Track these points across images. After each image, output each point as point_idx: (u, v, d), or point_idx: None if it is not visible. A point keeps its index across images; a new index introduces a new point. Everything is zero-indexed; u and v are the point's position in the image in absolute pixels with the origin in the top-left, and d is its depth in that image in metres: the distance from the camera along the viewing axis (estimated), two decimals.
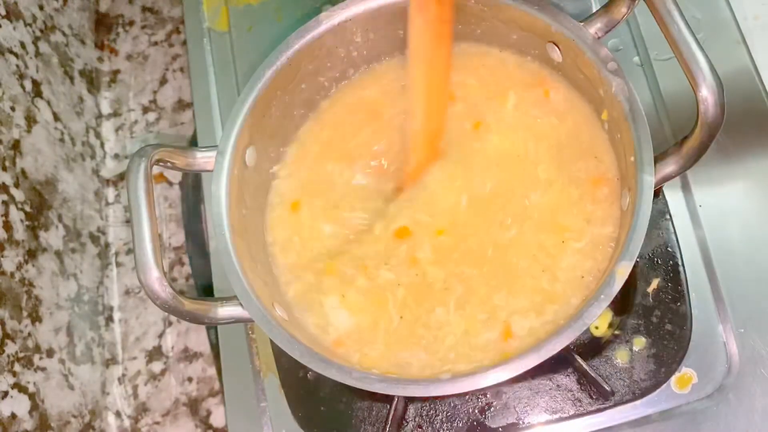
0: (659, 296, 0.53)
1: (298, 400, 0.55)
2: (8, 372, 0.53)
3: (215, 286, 0.61)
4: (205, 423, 0.62)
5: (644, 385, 0.51)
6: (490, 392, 0.53)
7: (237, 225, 0.50)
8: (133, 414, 0.64)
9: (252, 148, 0.53)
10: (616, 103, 0.48)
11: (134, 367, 0.66)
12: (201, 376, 0.64)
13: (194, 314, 0.46)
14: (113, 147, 0.74)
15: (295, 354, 0.45)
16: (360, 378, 0.44)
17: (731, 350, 0.51)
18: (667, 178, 0.46)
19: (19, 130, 0.61)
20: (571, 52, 0.50)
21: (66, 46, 0.72)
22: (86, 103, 0.73)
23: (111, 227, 0.71)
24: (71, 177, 0.67)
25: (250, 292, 0.47)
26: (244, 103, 0.52)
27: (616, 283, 0.43)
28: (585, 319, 0.43)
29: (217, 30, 0.70)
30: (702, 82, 0.42)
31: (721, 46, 0.59)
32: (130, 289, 0.68)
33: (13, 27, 0.64)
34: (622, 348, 0.52)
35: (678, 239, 0.55)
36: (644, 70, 0.60)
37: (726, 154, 0.55)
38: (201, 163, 0.51)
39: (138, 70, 0.77)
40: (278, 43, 0.53)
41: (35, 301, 0.58)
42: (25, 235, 0.58)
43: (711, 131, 0.43)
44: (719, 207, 0.55)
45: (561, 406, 0.52)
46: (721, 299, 0.52)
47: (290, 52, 0.53)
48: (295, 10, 0.68)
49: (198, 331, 0.65)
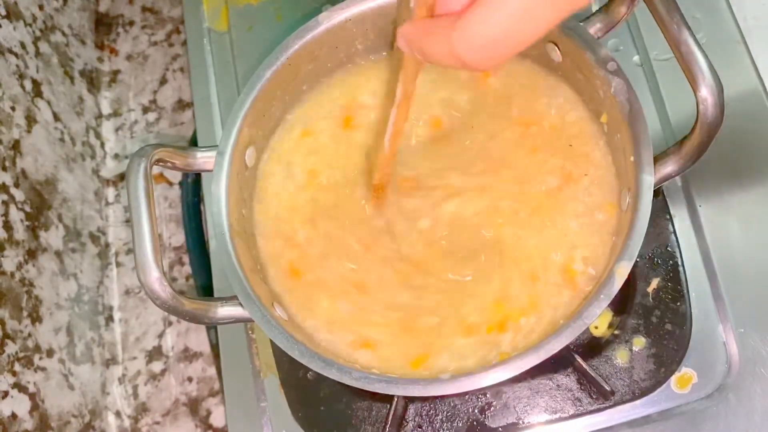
0: (659, 296, 0.53)
1: (298, 400, 0.55)
2: (8, 372, 0.53)
3: (215, 286, 0.61)
4: (205, 423, 0.63)
5: (644, 385, 0.51)
6: (490, 392, 0.53)
7: (237, 225, 0.50)
8: (133, 414, 0.64)
9: (252, 148, 0.53)
10: (615, 104, 0.47)
11: (134, 367, 0.66)
12: (201, 376, 0.64)
13: (194, 314, 0.46)
14: (113, 147, 0.74)
15: (295, 354, 0.45)
16: (360, 378, 0.44)
17: (731, 350, 0.51)
18: (666, 178, 0.46)
19: (19, 130, 0.61)
20: (570, 52, 0.50)
21: (66, 46, 0.72)
22: (86, 103, 0.73)
23: (111, 227, 0.71)
24: (71, 177, 0.67)
25: (250, 292, 0.47)
26: (244, 103, 0.52)
27: (615, 283, 0.43)
28: (585, 318, 0.43)
29: (217, 30, 0.70)
30: (701, 82, 0.42)
31: (721, 46, 0.59)
32: (130, 289, 0.68)
33: (13, 27, 0.64)
34: (622, 348, 0.52)
35: (678, 239, 0.55)
36: (644, 70, 0.60)
37: (726, 154, 0.55)
38: (201, 163, 0.51)
39: (138, 70, 0.77)
40: (278, 43, 0.53)
41: (35, 301, 0.58)
42: (25, 235, 0.58)
43: (710, 131, 0.43)
44: (719, 207, 0.55)
45: (561, 406, 0.52)
46: (721, 299, 0.52)
47: (290, 52, 0.53)
48: (295, 10, 0.68)
49: (198, 331, 0.65)
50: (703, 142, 0.44)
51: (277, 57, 0.53)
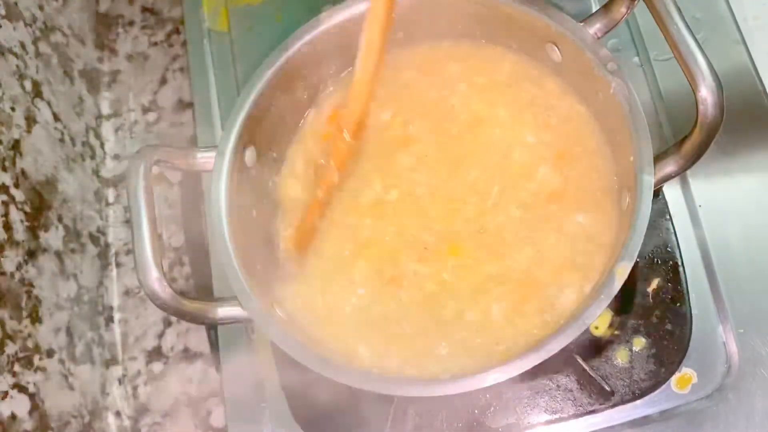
0: (659, 296, 0.53)
1: (298, 400, 0.55)
2: (8, 372, 0.53)
3: (215, 286, 0.61)
4: (205, 423, 0.62)
5: (644, 385, 0.51)
6: (490, 392, 0.53)
7: (237, 225, 0.50)
8: (133, 414, 0.64)
9: (252, 148, 0.53)
10: (615, 104, 0.48)
11: (134, 368, 0.66)
12: (201, 376, 0.64)
13: (194, 314, 0.46)
14: (113, 147, 0.74)
15: (295, 354, 0.45)
16: (360, 378, 0.44)
17: (731, 350, 0.51)
18: (666, 178, 0.46)
19: (19, 131, 0.61)
20: (570, 53, 0.51)
21: (66, 46, 0.72)
22: (86, 103, 0.73)
23: (111, 227, 0.71)
24: (71, 177, 0.67)
25: (249, 292, 0.47)
26: (244, 103, 0.52)
27: (615, 283, 0.43)
28: (585, 319, 0.43)
29: (217, 30, 0.70)
30: (701, 82, 0.42)
31: (720, 46, 0.59)
32: (130, 289, 0.68)
33: (13, 27, 0.64)
34: (622, 348, 0.52)
35: (678, 239, 0.55)
36: (644, 70, 0.60)
37: (725, 154, 0.55)
38: (201, 164, 0.51)
39: (138, 70, 0.77)
40: (278, 43, 0.53)
41: (35, 302, 0.58)
42: (25, 236, 0.58)
43: (710, 131, 0.43)
44: (719, 207, 0.55)
45: (561, 406, 0.52)
46: (721, 299, 0.52)
47: (290, 52, 0.53)
48: (295, 10, 0.68)
49: (198, 331, 0.65)
50: (703, 142, 0.44)
51: (278, 57, 0.53)
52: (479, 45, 0.56)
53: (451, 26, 0.55)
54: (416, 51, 0.57)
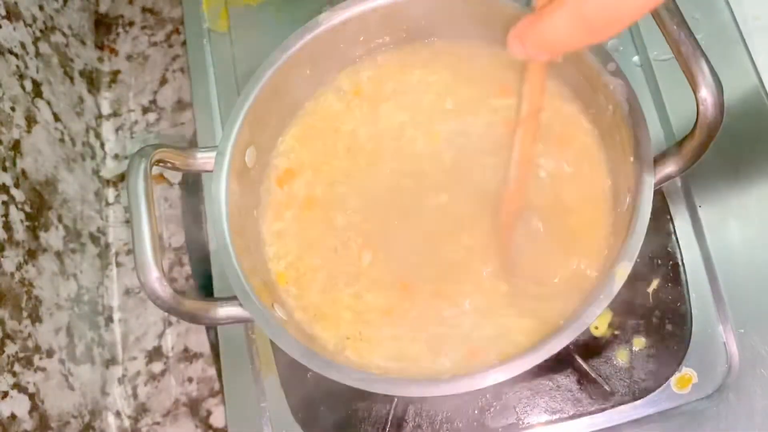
0: (659, 296, 0.53)
1: (298, 400, 0.55)
2: (8, 372, 0.53)
3: (215, 286, 0.61)
4: (205, 423, 0.62)
5: (644, 385, 0.51)
6: (490, 392, 0.53)
7: (237, 225, 0.50)
8: (133, 414, 0.64)
9: (252, 148, 0.53)
10: (615, 104, 0.48)
11: (134, 368, 0.66)
12: (201, 376, 0.64)
13: (194, 314, 0.46)
14: (113, 147, 0.74)
15: (295, 354, 0.45)
16: (360, 378, 0.44)
17: (731, 350, 0.51)
18: (666, 179, 0.46)
19: (19, 131, 0.61)
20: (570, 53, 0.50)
21: (66, 46, 0.72)
22: (86, 103, 0.73)
23: (111, 227, 0.71)
24: (71, 177, 0.67)
25: (249, 292, 0.47)
26: (244, 103, 0.52)
27: (615, 283, 0.43)
28: (585, 319, 0.43)
29: (217, 30, 0.70)
30: (701, 82, 0.42)
31: (720, 47, 0.59)
32: (130, 289, 0.68)
33: (13, 27, 0.64)
34: (622, 348, 0.52)
35: (678, 239, 0.55)
36: (644, 70, 0.60)
37: (725, 154, 0.55)
38: (201, 164, 0.51)
39: (138, 71, 0.77)
40: (278, 43, 0.53)
41: (35, 302, 0.58)
42: (25, 236, 0.58)
43: (710, 132, 0.43)
44: (719, 207, 0.55)
45: (561, 406, 0.52)
46: (721, 299, 0.52)
47: (290, 52, 0.53)
48: (295, 10, 0.68)
49: (198, 331, 0.65)
50: (703, 142, 0.44)
51: (278, 57, 0.53)
52: (478, 45, 0.56)
53: (450, 26, 0.55)
54: (416, 50, 0.57)
